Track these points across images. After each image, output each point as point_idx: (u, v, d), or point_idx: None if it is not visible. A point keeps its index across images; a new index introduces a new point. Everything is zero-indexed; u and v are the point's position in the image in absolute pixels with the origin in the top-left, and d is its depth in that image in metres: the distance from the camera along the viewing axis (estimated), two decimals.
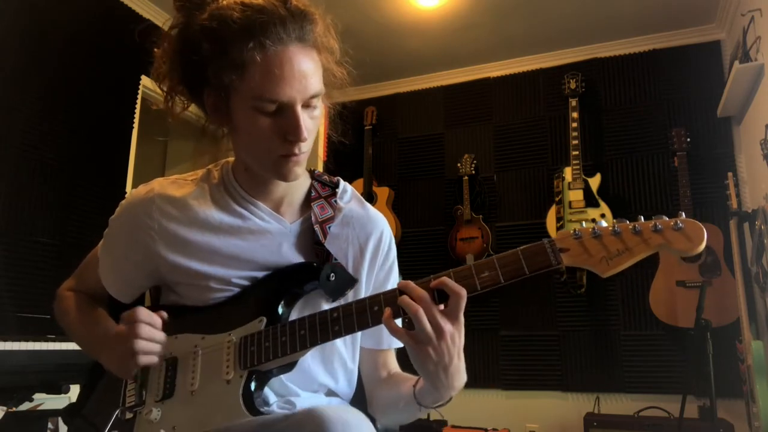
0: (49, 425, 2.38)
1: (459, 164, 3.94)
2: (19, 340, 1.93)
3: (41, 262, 2.63)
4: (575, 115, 3.60)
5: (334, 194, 1.10)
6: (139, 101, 3.30)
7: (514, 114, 4.00)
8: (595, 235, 0.84)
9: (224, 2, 0.88)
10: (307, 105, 0.91)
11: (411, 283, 0.86)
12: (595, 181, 3.48)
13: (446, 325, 0.83)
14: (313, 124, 0.94)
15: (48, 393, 2.06)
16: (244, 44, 0.85)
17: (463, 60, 4.08)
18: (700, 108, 3.52)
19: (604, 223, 0.85)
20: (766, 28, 2.73)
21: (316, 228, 1.03)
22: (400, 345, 1.11)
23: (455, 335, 0.84)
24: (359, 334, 1.09)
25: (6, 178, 2.55)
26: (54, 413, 2.35)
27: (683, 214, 0.85)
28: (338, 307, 0.91)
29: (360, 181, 4.02)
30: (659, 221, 0.83)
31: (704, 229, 0.82)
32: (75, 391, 1.14)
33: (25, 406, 2.18)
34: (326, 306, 0.99)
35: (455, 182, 3.98)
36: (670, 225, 0.82)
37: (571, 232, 0.86)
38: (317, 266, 0.99)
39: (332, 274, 0.98)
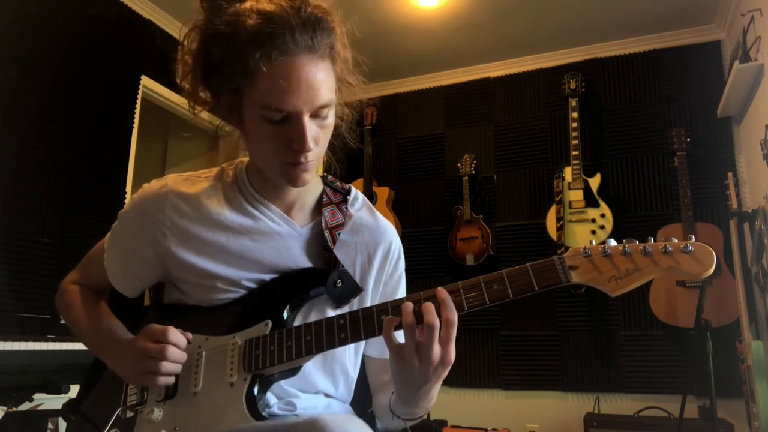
0: (49, 425, 2.38)
1: (459, 164, 3.94)
2: (19, 340, 1.93)
3: (41, 262, 2.63)
4: (575, 115, 3.60)
5: (345, 201, 1.10)
6: (139, 101, 3.30)
7: (514, 114, 4.00)
8: (604, 254, 0.85)
9: (241, 7, 0.87)
10: (315, 114, 0.90)
11: (430, 306, 0.85)
12: (595, 181, 3.48)
13: (435, 348, 0.82)
14: (323, 133, 0.94)
15: (48, 393, 2.06)
16: (251, 53, 0.85)
17: (463, 60, 4.08)
18: (700, 108, 3.52)
19: (613, 243, 0.86)
20: (766, 28, 2.73)
21: (326, 234, 1.03)
22: None
23: (439, 365, 0.84)
24: (362, 342, 1.09)
25: (6, 178, 2.55)
26: (54, 413, 2.35)
27: (693, 237, 0.86)
28: (345, 314, 0.91)
29: (360, 181, 4.02)
30: (669, 243, 0.83)
31: (714, 254, 0.82)
32: (75, 391, 1.14)
33: (25, 406, 2.18)
34: (331, 312, 0.99)
35: (455, 182, 3.98)
36: (680, 247, 0.83)
37: (581, 250, 0.87)
38: (324, 272, 0.98)
39: (339, 280, 0.98)
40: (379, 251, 1.09)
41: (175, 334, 0.93)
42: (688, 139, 3.33)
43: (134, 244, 1.05)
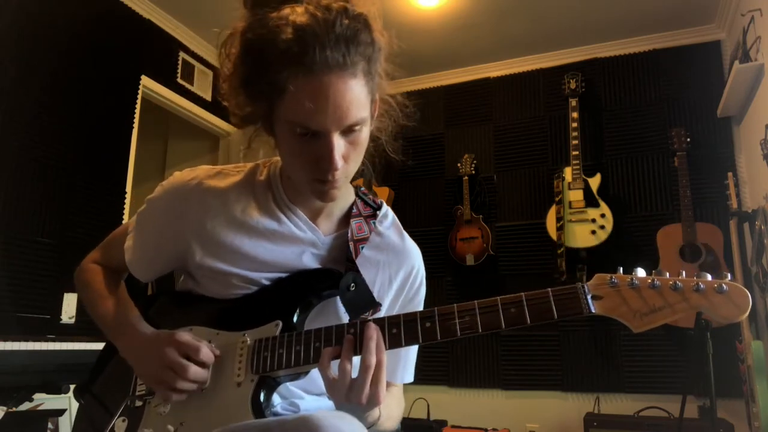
0: (49, 425, 2.38)
1: (459, 164, 3.94)
2: (19, 340, 1.93)
3: (41, 262, 2.63)
4: (575, 115, 3.60)
5: (375, 216, 1.08)
6: (139, 101, 3.31)
7: (514, 114, 4.00)
8: (632, 285, 0.81)
9: (279, 16, 0.83)
10: (346, 132, 0.87)
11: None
12: (595, 181, 3.48)
13: (366, 389, 0.83)
14: (354, 150, 0.90)
15: (48, 393, 2.06)
16: (280, 70, 0.82)
17: (463, 60, 4.08)
18: (700, 108, 3.52)
19: (641, 273, 0.82)
20: (766, 28, 2.73)
21: (350, 245, 1.01)
22: (411, 380, 1.10)
23: (368, 405, 0.84)
24: None
25: (6, 178, 2.55)
26: (54, 413, 2.35)
27: (729, 276, 0.80)
28: (355, 322, 0.89)
29: (360, 181, 4.02)
30: (702, 281, 0.78)
31: (749, 296, 0.77)
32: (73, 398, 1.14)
33: (25, 406, 2.18)
34: (343, 318, 0.98)
35: (455, 182, 3.98)
36: (713, 286, 0.77)
37: (608, 278, 0.82)
38: (338, 273, 0.97)
39: (353, 284, 0.96)
40: (400, 274, 1.07)
41: (207, 354, 0.92)
42: (688, 139, 3.32)
43: (157, 232, 1.05)
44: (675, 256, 3.11)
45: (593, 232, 3.36)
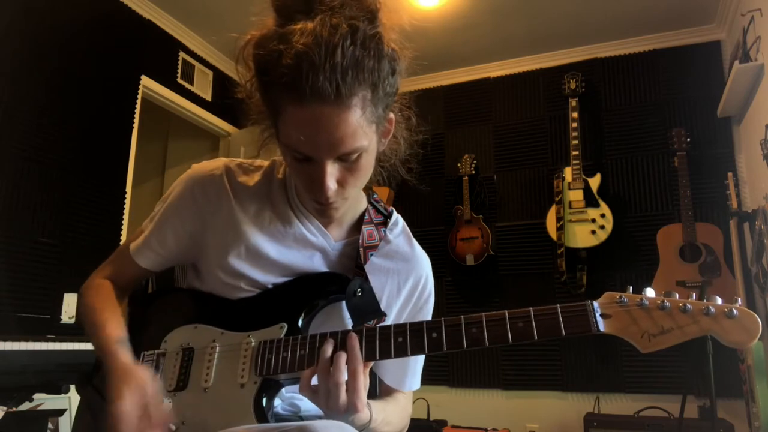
0: (49, 425, 2.38)
1: (459, 164, 3.94)
2: (19, 340, 1.93)
3: (41, 262, 2.63)
4: (575, 115, 3.60)
5: (385, 224, 1.08)
6: (139, 101, 3.31)
7: (514, 114, 4.00)
8: (641, 305, 0.80)
9: (283, 39, 0.79)
10: (343, 158, 0.85)
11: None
12: (595, 181, 3.48)
13: (342, 398, 0.83)
14: (353, 175, 0.89)
15: (48, 393, 2.06)
16: (277, 94, 0.82)
17: (463, 60, 4.08)
18: (700, 108, 3.52)
19: (651, 293, 0.81)
20: (766, 28, 2.73)
21: (360, 251, 1.01)
22: (418, 387, 1.10)
23: (347, 413, 0.84)
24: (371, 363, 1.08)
25: (6, 178, 2.55)
26: (54, 413, 2.35)
27: (739, 300, 0.79)
28: (361, 329, 0.89)
29: None
30: (712, 304, 0.78)
31: (759, 321, 0.76)
32: (75, 391, 1.13)
33: (25, 406, 2.18)
34: (347, 324, 0.98)
35: (455, 182, 3.98)
36: (724, 311, 0.77)
37: (617, 297, 0.81)
38: (345, 278, 0.97)
39: (359, 290, 0.96)
40: (409, 282, 1.07)
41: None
42: (688, 139, 3.32)
43: (173, 220, 1.03)
44: (675, 256, 3.11)
45: (593, 232, 3.36)
